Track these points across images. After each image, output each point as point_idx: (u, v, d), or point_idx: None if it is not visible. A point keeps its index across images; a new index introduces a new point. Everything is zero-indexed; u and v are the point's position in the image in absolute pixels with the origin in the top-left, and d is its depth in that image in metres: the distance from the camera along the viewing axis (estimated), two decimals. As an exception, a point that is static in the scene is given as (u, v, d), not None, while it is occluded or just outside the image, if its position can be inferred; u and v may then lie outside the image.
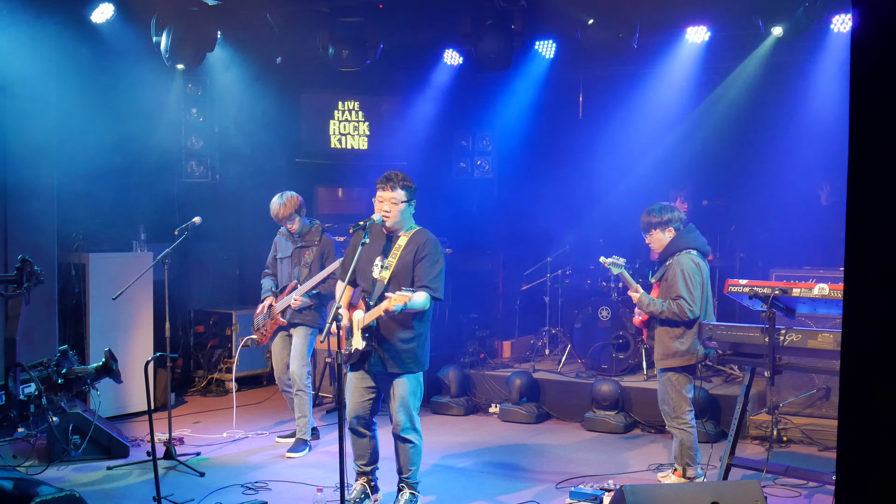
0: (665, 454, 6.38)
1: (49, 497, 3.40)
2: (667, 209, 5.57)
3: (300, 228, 6.54)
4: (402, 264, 4.87)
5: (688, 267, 5.38)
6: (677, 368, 5.41)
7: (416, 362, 4.95)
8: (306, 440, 6.51)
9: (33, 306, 7.19)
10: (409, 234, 4.97)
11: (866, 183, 1.66)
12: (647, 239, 5.66)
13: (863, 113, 1.66)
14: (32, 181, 7.08)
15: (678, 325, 5.38)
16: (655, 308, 5.39)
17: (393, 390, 4.97)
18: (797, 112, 8.13)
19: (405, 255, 4.89)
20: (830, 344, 4.67)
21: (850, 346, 1.70)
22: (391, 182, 4.89)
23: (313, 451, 6.55)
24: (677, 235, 5.55)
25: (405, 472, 5.07)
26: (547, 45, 8.81)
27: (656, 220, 5.56)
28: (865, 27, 1.66)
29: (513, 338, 9.29)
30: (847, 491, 1.72)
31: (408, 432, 4.98)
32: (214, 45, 7.86)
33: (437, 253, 4.91)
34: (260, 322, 6.63)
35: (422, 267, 4.84)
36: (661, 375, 5.51)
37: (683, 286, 5.33)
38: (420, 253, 4.86)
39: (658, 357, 5.48)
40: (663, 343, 5.44)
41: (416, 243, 4.91)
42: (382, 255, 4.95)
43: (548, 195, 9.65)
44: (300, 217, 6.51)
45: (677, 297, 5.32)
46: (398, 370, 4.92)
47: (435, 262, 4.86)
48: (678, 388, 5.42)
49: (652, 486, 5.13)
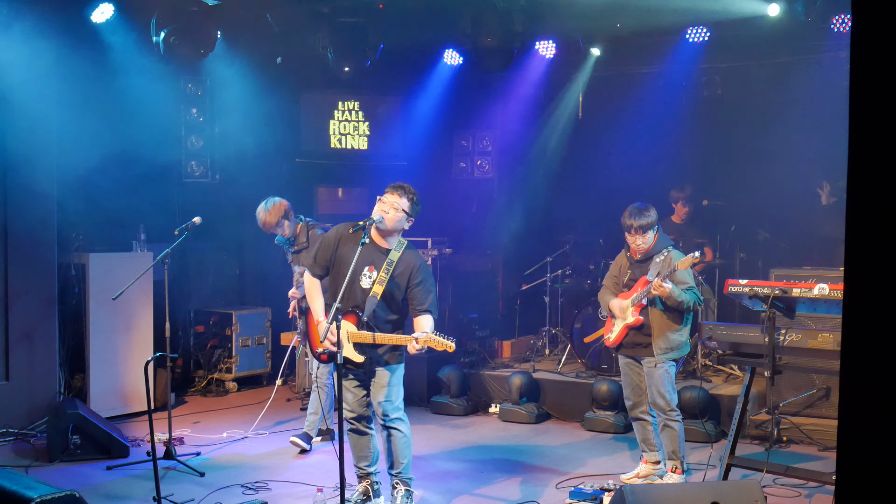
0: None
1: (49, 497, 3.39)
2: (651, 208, 5.62)
3: (290, 234, 6.53)
4: (394, 285, 4.96)
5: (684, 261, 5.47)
6: (676, 360, 5.53)
7: (398, 358, 5.07)
8: (311, 436, 6.56)
9: (33, 306, 7.22)
10: (399, 252, 5.02)
11: (866, 183, 1.66)
12: (641, 240, 5.58)
13: (863, 113, 1.66)
14: (32, 181, 7.09)
15: (679, 318, 5.47)
16: (684, 299, 5.40)
17: (377, 380, 5.04)
18: (797, 112, 8.13)
19: (398, 276, 4.96)
20: (830, 344, 4.67)
21: (850, 346, 1.70)
22: (401, 190, 4.97)
23: (313, 451, 6.55)
24: (662, 233, 5.69)
25: (397, 467, 5.08)
26: (547, 46, 8.81)
27: (646, 222, 5.54)
28: (865, 27, 1.66)
29: (513, 338, 9.29)
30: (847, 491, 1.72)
31: (395, 421, 5.02)
32: (214, 44, 7.85)
33: (430, 277, 5.05)
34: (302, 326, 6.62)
35: (420, 292, 4.94)
36: (661, 368, 5.51)
37: (690, 277, 5.48)
38: (414, 278, 4.95)
39: (660, 351, 5.50)
40: (664, 335, 5.48)
41: (409, 266, 4.98)
42: (375, 267, 4.98)
43: (548, 195, 9.65)
44: (289, 222, 6.48)
45: (690, 289, 5.43)
46: (380, 362, 5.02)
47: (431, 287, 5.01)
48: (672, 379, 5.54)
49: (652, 486, 5.14)
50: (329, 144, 9.59)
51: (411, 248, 5.09)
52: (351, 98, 9.56)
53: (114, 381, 7.57)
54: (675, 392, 5.58)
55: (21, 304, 7.10)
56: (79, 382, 7.57)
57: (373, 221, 4.91)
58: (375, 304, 4.91)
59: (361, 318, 4.90)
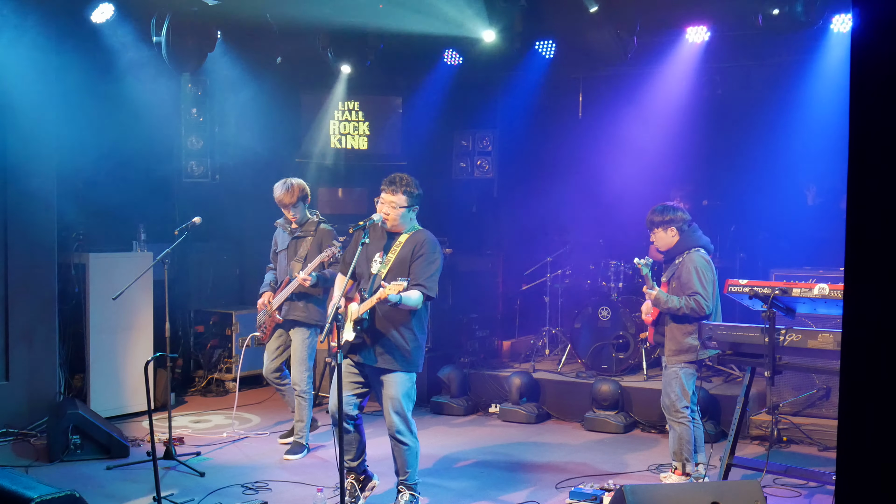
0: (665, 454, 6.37)
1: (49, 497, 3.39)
2: (669, 209, 5.64)
3: (300, 218, 6.37)
4: (399, 260, 4.89)
5: (700, 264, 5.46)
6: (688, 364, 5.49)
7: (407, 361, 4.93)
8: (304, 444, 6.45)
9: (33, 306, 7.22)
10: (409, 234, 5.00)
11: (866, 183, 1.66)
12: (651, 237, 5.76)
13: (863, 113, 1.66)
14: (32, 181, 7.09)
15: (691, 321, 5.44)
16: (673, 304, 5.42)
17: (385, 390, 4.94)
18: (797, 112, 8.13)
19: (403, 252, 4.91)
20: (830, 344, 4.67)
21: (850, 346, 1.70)
22: (394, 186, 4.90)
23: (313, 452, 6.55)
24: (684, 234, 5.62)
25: (402, 475, 5.06)
26: (547, 45, 8.80)
27: (658, 219, 5.65)
28: (865, 27, 1.66)
29: (513, 338, 9.29)
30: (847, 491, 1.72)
31: (402, 434, 4.96)
32: (214, 45, 7.86)
33: (434, 252, 4.91)
34: (261, 319, 6.54)
35: (418, 265, 4.84)
36: (668, 370, 5.54)
37: (698, 282, 5.40)
38: (417, 251, 4.87)
39: (670, 353, 5.53)
40: (676, 339, 5.49)
41: (415, 241, 4.93)
42: (383, 251, 4.98)
43: (548, 195, 9.65)
44: (304, 206, 6.36)
45: (693, 294, 5.38)
46: (389, 366, 4.89)
47: (431, 262, 4.86)
48: (685, 382, 5.49)
49: (652, 486, 5.13)
50: (329, 144, 9.59)
51: (424, 230, 5.03)
52: (351, 98, 9.55)
53: (114, 381, 7.57)
54: (686, 396, 5.48)
55: (21, 304, 7.09)
56: (79, 382, 7.57)
57: (374, 221, 4.90)
58: (378, 283, 4.82)
59: (364, 296, 4.86)
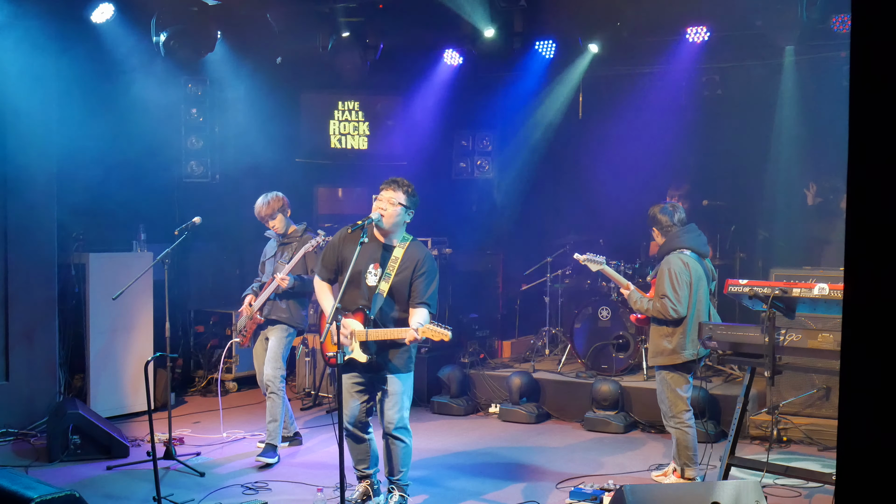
0: (666, 454, 6.37)
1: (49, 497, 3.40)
2: (665, 210, 5.64)
3: (284, 228, 6.48)
4: (400, 279, 4.93)
5: (675, 266, 5.43)
6: (669, 367, 5.45)
7: (407, 364, 5.03)
8: (276, 445, 6.30)
9: (33, 306, 7.22)
10: (404, 247, 5.00)
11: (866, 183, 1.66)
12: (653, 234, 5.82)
13: (863, 113, 1.66)
14: (32, 181, 7.09)
15: (668, 323, 5.42)
16: (641, 306, 5.49)
17: (387, 388, 4.99)
18: (797, 112, 8.13)
19: (403, 270, 4.94)
20: (830, 344, 4.67)
21: (849, 346, 1.70)
22: (395, 185, 4.95)
23: (313, 452, 6.55)
24: (672, 235, 5.61)
25: (396, 474, 5.06)
26: (547, 45, 8.80)
27: (650, 220, 5.72)
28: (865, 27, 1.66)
29: (513, 338, 9.28)
30: (847, 491, 1.72)
31: (400, 430, 4.99)
32: (214, 44, 7.86)
33: (433, 270, 5.01)
34: (242, 324, 6.58)
35: (421, 283, 4.92)
36: (657, 374, 5.57)
37: (668, 285, 5.38)
38: (419, 269, 4.93)
39: (651, 355, 5.61)
40: (654, 341, 5.53)
41: (414, 258, 4.96)
42: (380, 264, 4.96)
43: (548, 195, 9.65)
44: (284, 217, 6.45)
45: (662, 296, 5.39)
46: (393, 371, 4.98)
47: (433, 280, 4.97)
48: (673, 386, 5.46)
49: (652, 486, 5.14)
50: (329, 144, 9.59)
51: (417, 242, 5.07)
52: (351, 98, 9.55)
53: (114, 381, 7.57)
54: (680, 401, 5.44)
55: (21, 304, 7.10)
56: (79, 382, 7.58)
57: (371, 221, 4.90)
58: (382, 301, 4.89)
59: (369, 315, 4.89)
